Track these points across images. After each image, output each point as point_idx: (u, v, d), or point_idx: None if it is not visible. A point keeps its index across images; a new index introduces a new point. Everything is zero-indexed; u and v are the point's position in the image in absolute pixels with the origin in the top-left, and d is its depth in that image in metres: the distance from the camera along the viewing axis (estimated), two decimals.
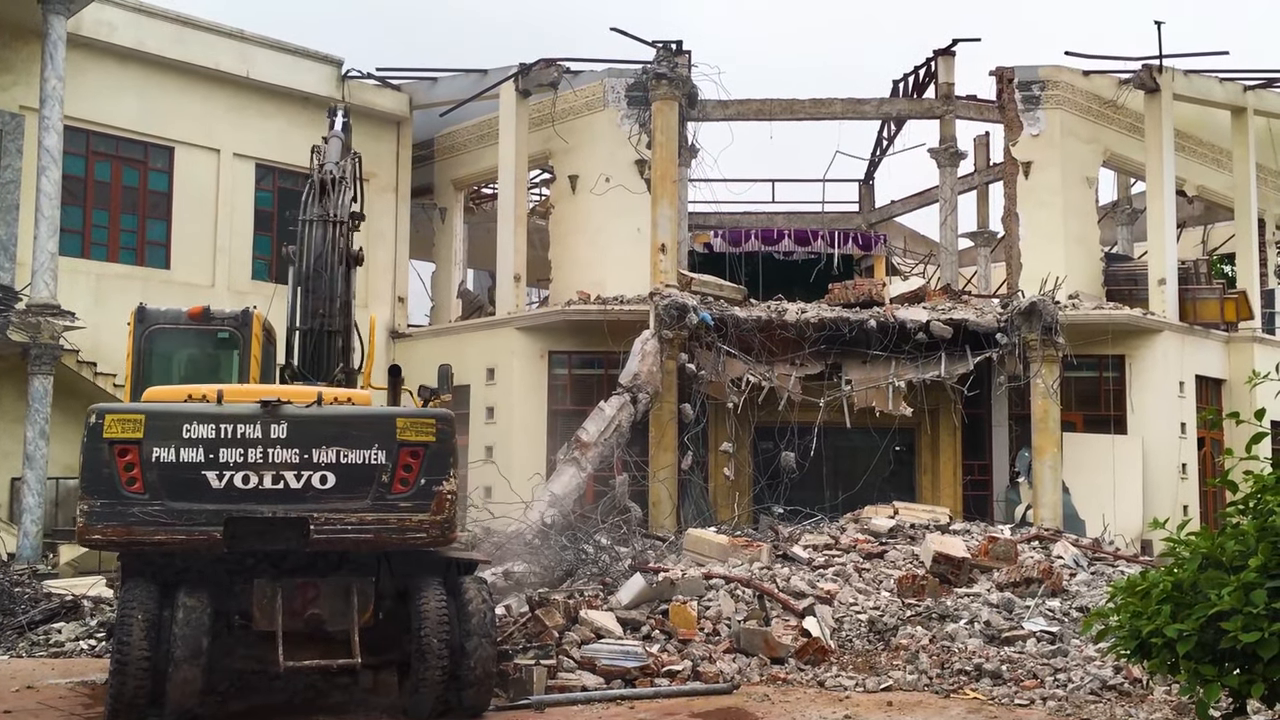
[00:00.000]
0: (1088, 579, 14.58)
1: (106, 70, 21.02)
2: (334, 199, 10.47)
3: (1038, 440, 19.76)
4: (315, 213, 10.39)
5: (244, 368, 11.02)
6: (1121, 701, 10.30)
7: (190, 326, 11.16)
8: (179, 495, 8.48)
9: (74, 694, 10.61)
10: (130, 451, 8.47)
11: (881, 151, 29.40)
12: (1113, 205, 28.53)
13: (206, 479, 8.51)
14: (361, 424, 8.91)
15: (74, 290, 19.21)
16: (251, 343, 11.02)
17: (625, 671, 10.91)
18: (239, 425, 8.63)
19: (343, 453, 8.72)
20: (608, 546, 15.65)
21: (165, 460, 8.49)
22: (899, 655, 11.85)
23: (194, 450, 8.54)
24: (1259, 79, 25.03)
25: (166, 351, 11.08)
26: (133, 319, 10.98)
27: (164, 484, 8.47)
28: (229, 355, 11.21)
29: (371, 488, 8.76)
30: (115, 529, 8.44)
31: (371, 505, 8.73)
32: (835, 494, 20.27)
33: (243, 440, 8.60)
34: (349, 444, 8.76)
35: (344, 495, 8.69)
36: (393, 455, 8.81)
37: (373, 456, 8.78)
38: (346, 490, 8.71)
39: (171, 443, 8.52)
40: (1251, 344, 23.05)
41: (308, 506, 8.62)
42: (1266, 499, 4.78)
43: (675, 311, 19.20)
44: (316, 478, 8.66)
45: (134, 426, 8.53)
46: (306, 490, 8.65)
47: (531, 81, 23.02)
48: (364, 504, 8.72)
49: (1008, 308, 19.98)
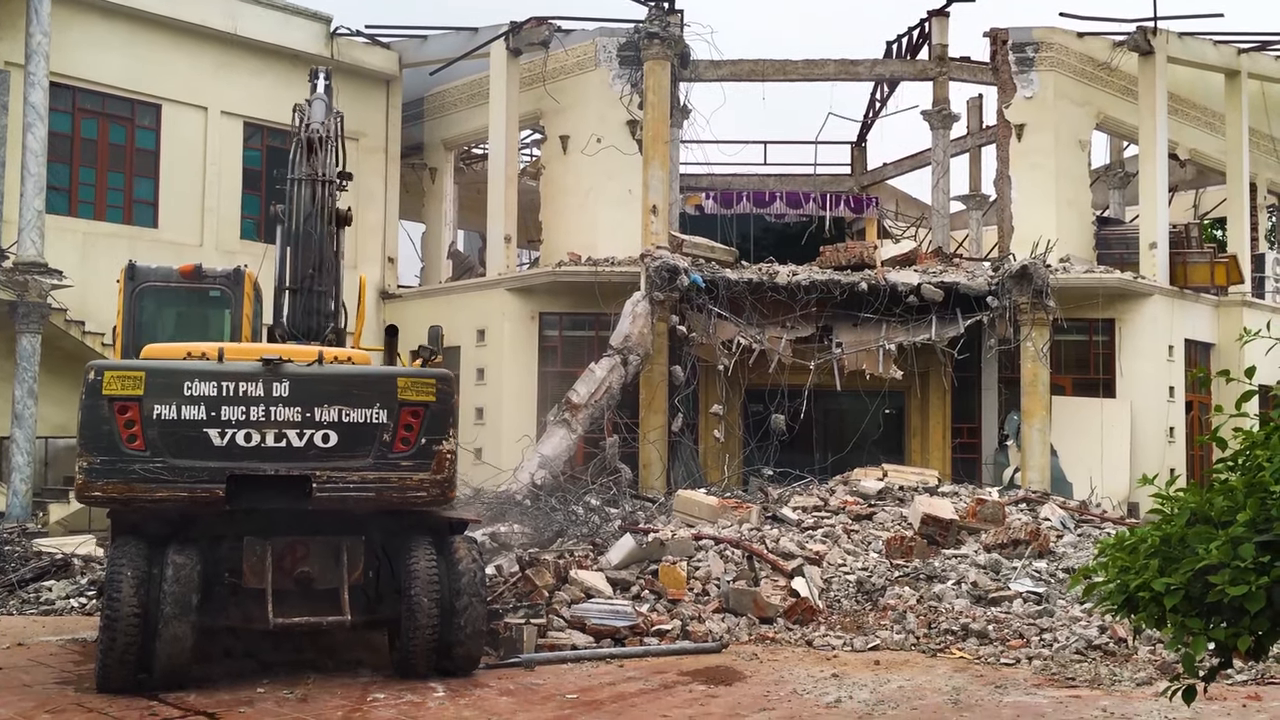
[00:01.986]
0: (1074, 541, 14.68)
1: (92, 26, 20.76)
2: (321, 158, 10.38)
3: (1027, 403, 19.82)
4: (304, 172, 10.30)
5: (235, 326, 10.98)
6: (1106, 661, 10.40)
7: (181, 284, 11.11)
8: (180, 452, 8.47)
9: (65, 651, 10.65)
10: (130, 408, 8.45)
11: (874, 114, 29.25)
12: (1105, 168, 28.46)
13: (208, 436, 8.50)
14: (363, 383, 8.93)
15: (61, 248, 19.07)
16: (243, 301, 10.97)
17: (615, 631, 10.97)
18: (241, 383, 8.62)
19: (344, 411, 8.75)
20: (598, 507, 15.71)
21: (166, 417, 8.47)
22: (886, 615, 11.93)
23: (196, 408, 8.52)
24: (1253, 42, 24.92)
25: (157, 309, 11.03)
26: (123, 276, 10.91)
27: (165, 441, 8.45)
28: (219, 313, 11.16)
29: (373, 447, 8.79)
30: (115, 486, 8.42)
31: (373, 464, 8.76)
32: (825, 456, 20.33)
33: (245, 398, 8.60)
34: (351, 403, 8.78)
35: (346, 454, 8.73)
36: (394, 415, 8.84)
37: (374, 415, 8.81)
38: (348, 449, 8.74)
39: (173, 400, 8.50)
40: (1241, 308, 23.10)
41: (310, 465, 8.64)
42: (1255, 454, 4.79)
43: (666, 273, 19.15)
44: (319, 436, 8.69)
45: (134, 383, 8.50)
46: (309, 448, 8.67)
47: (522, 40, 22.81)
48: (366, 463, 8.75)
49: (999, 271, 19.98)
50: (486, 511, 14.52)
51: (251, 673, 9.50)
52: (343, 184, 10.92)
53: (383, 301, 23.94)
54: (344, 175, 10.87)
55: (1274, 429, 4.88)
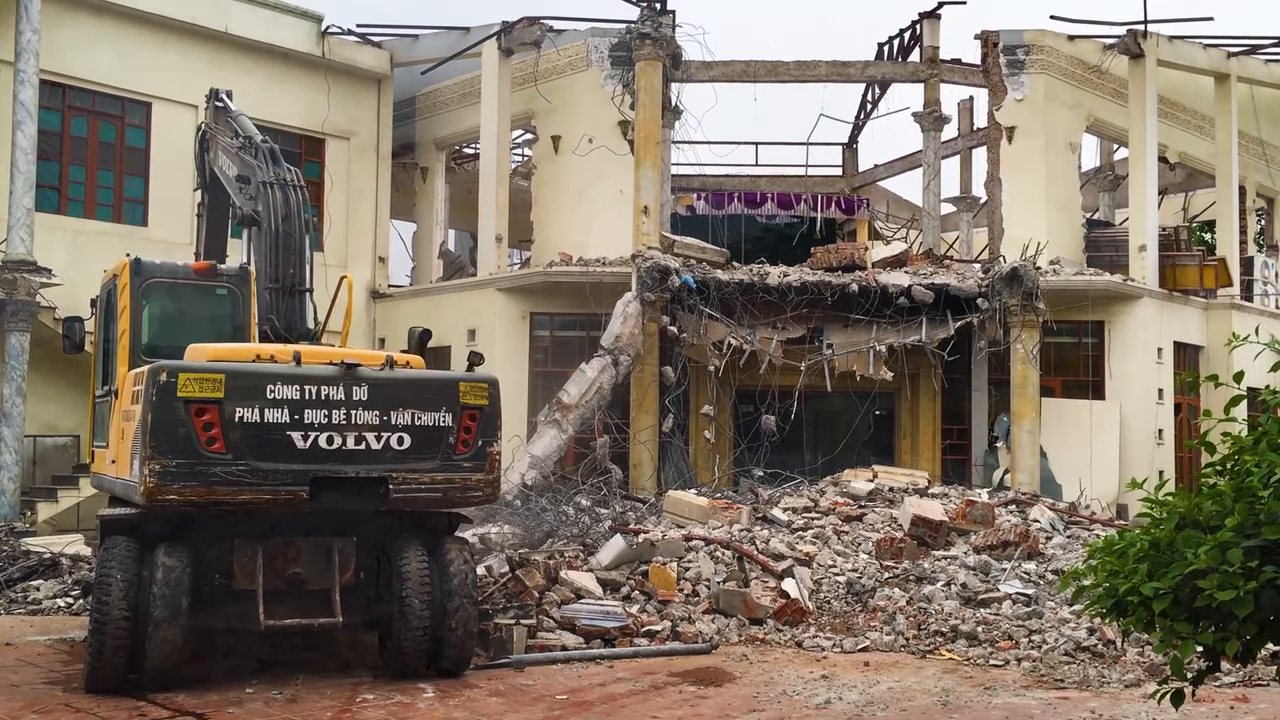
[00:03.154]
0: (1064, 543, 14.74)
1: (83, 24, 20.69)
2: (284, 164, 10.60)
3: (1016, 405, 19.87)
4: (274, 174, 10.37)
5: (243, 325, 10.94)
6: (1095, 663, 10.44)
7: (187, 281, 11.05)
8: (264, 455, 8.53)
9: (52, 651, 10.62)
10: (209, 411, 8.45)
11: (865, 115, 29.29)
12: (1095, 171, 28.54)
13: (292, 439, 8.62)
14: (432, 387, 9.24)
15: (50, 246, 18.99)
16: (250, 300, 10.93)
17: (605, 631, 10.98)
18: (322, 386, 8.76)
19: (417, 415, 9.03)
20: (588, 508, 15.72)
21: (249, 420, 8.52)
22: (876, 616, 11.96)
23: (279, 411, 8.62)
24: (1243, 46, 25.02)
25: (161, 306, 10.93)
26: (123, 271, 10.69)
27: (248, 444, 8.51)
28: (225, 312, 11.11)
29: (440, 448, 9.08)
30: (195, 489, 8.42)
31: (440, 465, 9.07)
32: (815, 457, 20.36)
33: (327, 401, 8.75)
34: (422, 406, 9.06)
35: (418, 455, 9.00)
36: (457, 417, 9.17)
37: (441, 419, 9.11)
38: (420, 451, 9.02)
39: (255, 403, 8.56)
40: (1230, 311, 23.18)
41: (387, 466, 8.86)
42: (1244, 459, 4.82)
43: (657, 274, 19.16)
44: (394, 439, 8.93)
45: (214, 386, 8.51)
46: (386, 450, 8.90)
47: (514, 40, 22.80)
48: (434, 464, 9.05)
49: (989, 273, 20.03)
50: (477, 512, 14.51)
51: (241, 673, 9.49)
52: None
53: (373, 301, 23.91)
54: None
55: (1262, 434, 4.90)
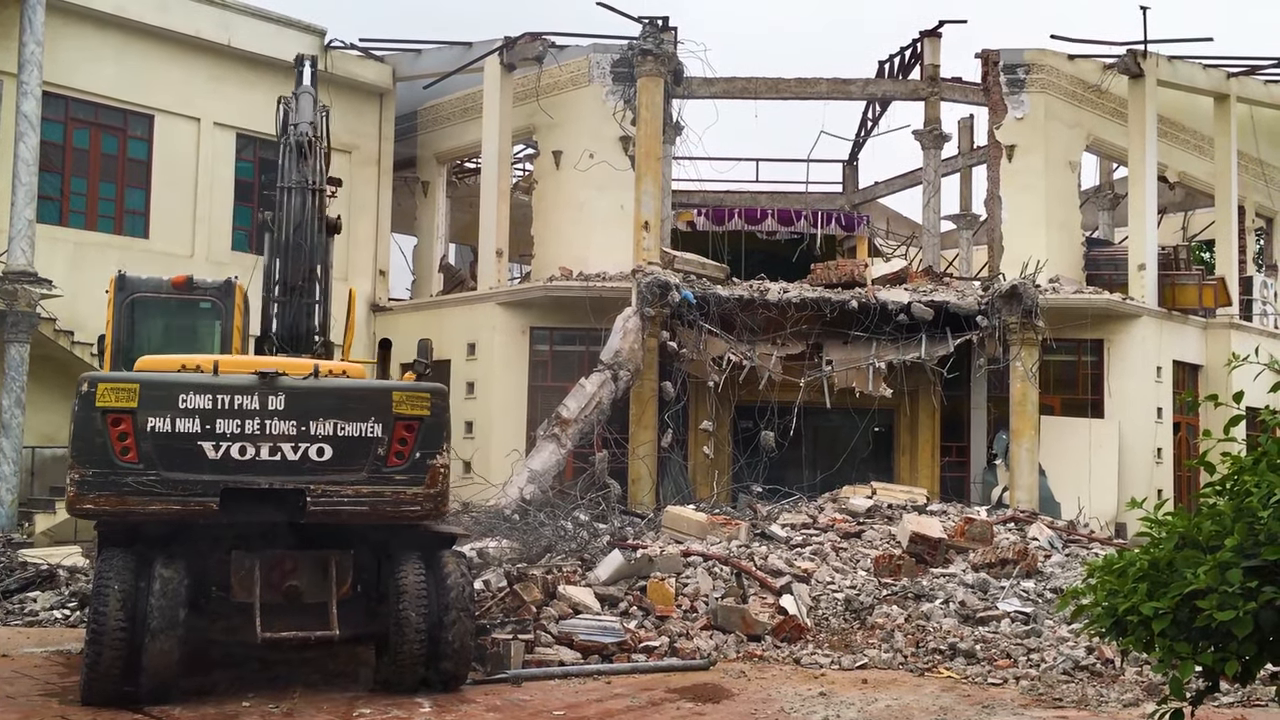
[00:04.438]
0: (1062, 561, 14.72)
1: (86, 36, 20.76)
2: (312, 164, 10.31)
3: (1015, 423, 19.87)
4: (294, 179, 10.21)
5: (225, 338, 10.94)
6: (1093, 681, 10.41)
7: (171, 295, 11.05)
8: (174, 465, 8.43)
9: (49, 662, 10.59)
10: (124, 421, 8.40)
11: (866, 132, 29.35)
12: (1094, 190, 28.60)
13: (203, 449, 8.47)
14: (359, 397, 8.90)
15: (51, 258, 19.02)
16: (234, 313, 10.94)
17: (603, 647, 10.96)
18: (236, 396, 8.58)
19: (340, 425, 8.72)
20: (586, 523, 15.69)
21: (160, 430, 8.43)
22: (875, 634, 11.94)
23: (190, 420, 8.48)
24: (1242, 66, 25.11)
25: (146, 320, 10.97)
26: (112, 287, 10.87)
27: (159, 454, 8.41)
28: (209, 325, 11.10)
29: (367, 461, 8.75)
30: (108, 498, 8.38)
31: (367, 478, 8.74)
32: (814, 473, 20.35)
33: (240, 411, 8.55)
34: (346, 416, 8.75)
35: (340, 468, 8.69)
36: (389, 428, 8.81)
37: (369, 429, 8.78)
38: (342, 463, 8.70)
39: (167, 412, 8.45)
40: (1229, 330, 23.20)
41: (304, 479, 8.60)
42: (1244, 480, 4.82)
43: (657, 289, 19.18)
44: (313, 450, 8.65)
45: (128, 395, 8.45)
46: (303, 462, 8.63)
47: (516, 55, 22.88)
48: (360, 476, 8.72)
49: (989, 290, 20.05)
50: (475, 526, 14.49)
51: (238, 686, 9.46)
52: (333, 191, 10.90)
53: (373, 314, 23.92)
54: (333, 181, 10.81)
55: (1262, 454, 4.91)
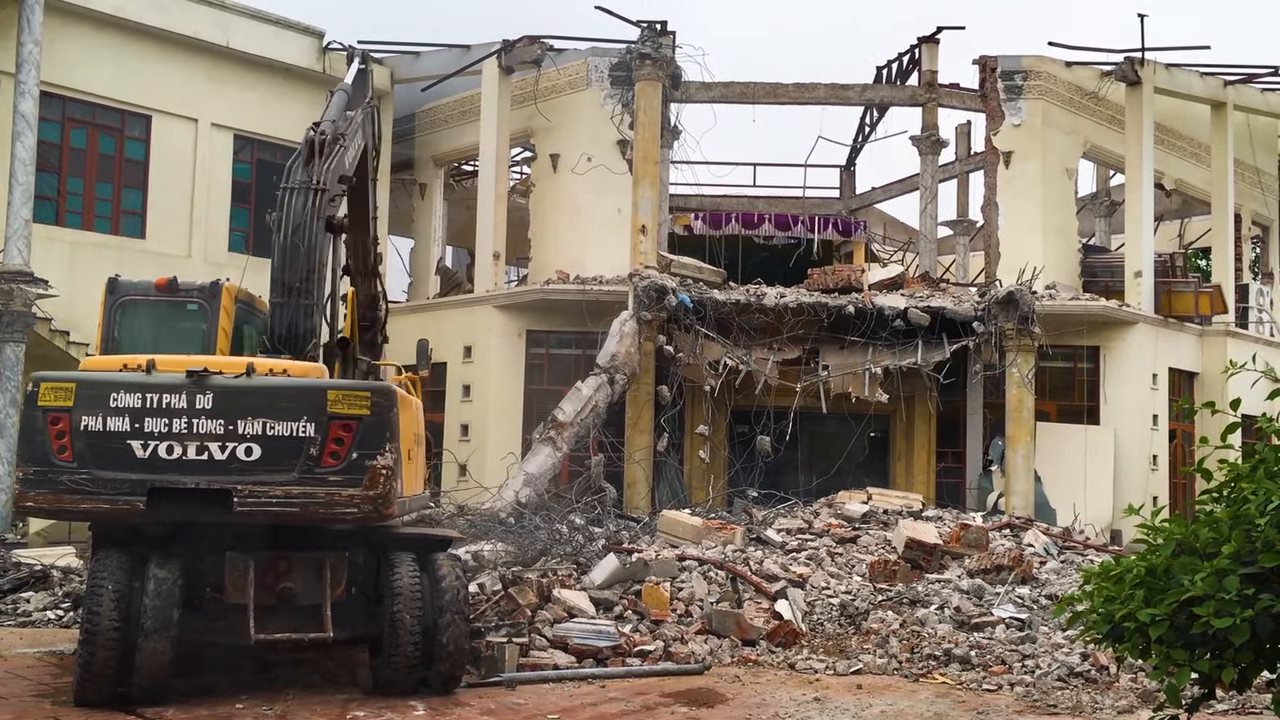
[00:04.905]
0: (1058, 567, 14.71)
1: (84, 36, 20.74)
2: (320, 164, 10.20)
3: (1011, 429, 19.88)
4: (299, 179, 10.13)
5: (211, 339, 10.90)
6: (1088, 688, 10.41)
7: (160, 298, 11.02)
8: (105, 464, 8.40)
9: (42, 664, 10.55)
10: (62, 420, 8.41)
11: (863, 138, 29.39)
12: (1091, 197, 28.65)
13: (131, 448, 8.42)
14: (289, 395, 8.67)
15: (48, 258, 18.99)
16: (219, 314, 10.88)
17: (597, 651, 10.94)
18: (165, 395, 8.49)
19: (269, 424, 8.51)
20: (582, 526, 15.67)
21: (93, 429, 8.42)
22: (869, 639, 11.92)
23: (121, 419, 8.44)
24: (1239, 74, 25.16)
25: (136, 323, 10.94)
26: (104, 290, 10.86)
27: (92, 452, 8.40)
28: (198, 327, 11.07)
29: (299, 461, 8.51)
30: (46, 497, 8.40)
31: (298, 479, 8.48)
32: (810, 478, 20.35)
33: (168, 410, 8.47)
34: (275, 415, 8.53)
35: (269, 468, 8.47)
36: (322, 428, 8.55)
37: (300, 429, 8.54)
38: (272, 463, 8.48)
39: (100, 412, 8.42)
40: (1225, 338, 23.24)
41: (231, 478, 8.43)
42: (1241, 487, 4.82)
43: (654, 293, 19.18)
44: (241, 449, 8.48)
45: (65, 395, 8.44)
46: (231, 462, 8.46)
47: (515, 58, 22.89)
48: (290, 477, 8.47)
49: (985, 297, 20.07)
50: (470, 529, 14.47)
51: (231, 688, 9.43)
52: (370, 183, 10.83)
53: None
54: (351, 177, 10.60)
55: (1259, 461, 4.91)
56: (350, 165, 10.81)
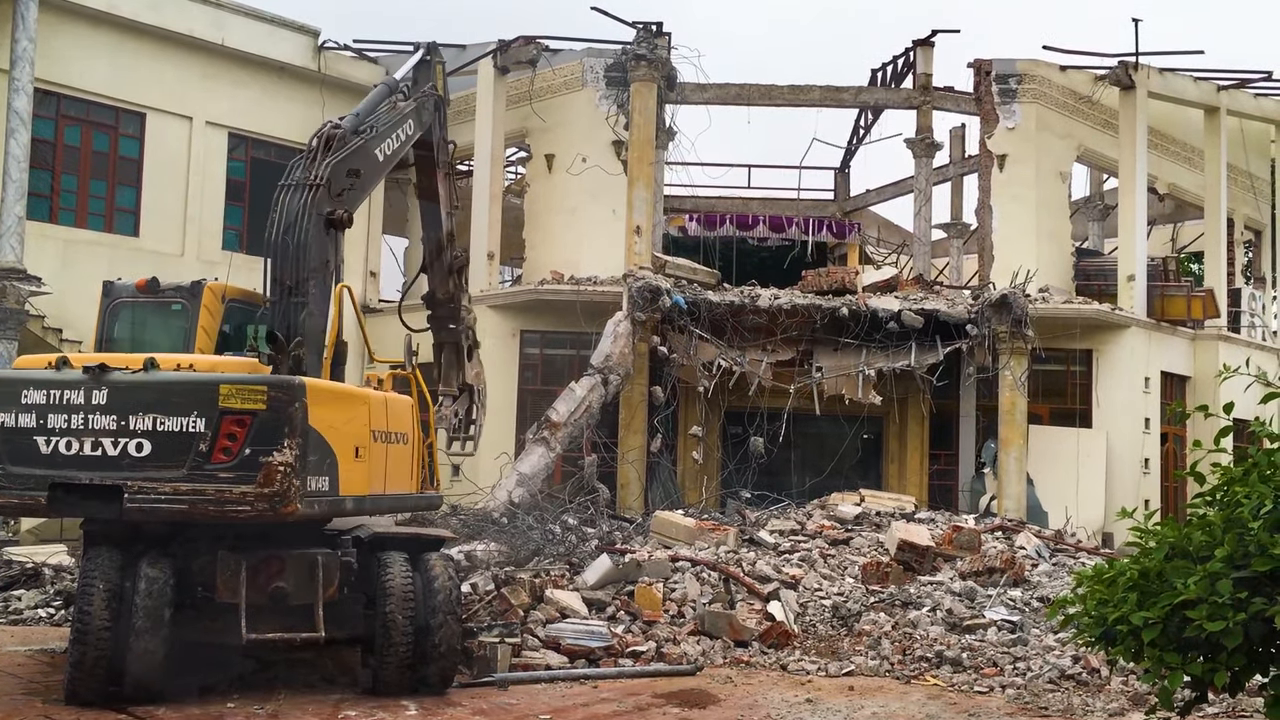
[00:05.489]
0: (1049, 570, 14.73)
1: (78, 33, 20.70)
2: (321, 159, 10.12)
3: (1004, 432, 19.91)
4: (298, 176, 10.08)
5: (190, 338, 10.84)
6: (1079, 691, 10.42)
7: (149, 299, 10.98)
8: (17, 460, 8.57)
9: (33, 661, 10.53)
10: None
11: (858, 140, 29.43)
12: (1085, 200, 28.72)
13: (37, 444, 8.56)
14: (180, 390, 8.59)
15: (41, 255, 18.96)
16: (199, 313, 10.82)
17: (590, 651, 10.94)
18: (66, 392, 8.58)
19: (159, 420, 8.46)
20: (575, 527, 15.66)
21: (8, 425, 8.61)
22: (861, 641, 11.93)
23: (29, 416, 8.59)
24: (1233, 79, 25.24)
25: (127, 324, 10.93)
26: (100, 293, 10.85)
27: (6, 448, 8.60)
28: (179, 325, 11.00)
29: (188, 457, 8.39)
30: None
31: (187, 475, 8.37)
32: (803, 480, 20.34)
33: (69, 407, 8.56)
34: (166, 411, 8.47)
35: (160, 464, 8.41)
36: (213, 423, 8.41)
37: (191, 424, 8.43)
38: (162, 459, 8.42)
39: (12, 409, 8.60)
40: (1217, 342, 23.29)
41: (123, 474, 8.42)
42: (1234, 490, 4.83)
43: (648, 294, 19.17)
44: (133, 445, 8.47)
45: None
46: (123, 457, 8.46)
47: (510, 59, 22.87)
48: (179, 474, 8.37)
49: (979, 299, 20.09)
50: (463, 529, 14.46)
51: (223, 687, 9.41)
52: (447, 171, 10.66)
53: (364, 315, 23.82)
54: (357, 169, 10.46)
55: (1251, 465, 4.92)
56: (385, 156, 10.76)
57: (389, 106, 11.34)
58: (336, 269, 10.51)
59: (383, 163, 11.12)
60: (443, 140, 13.08)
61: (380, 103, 11.23)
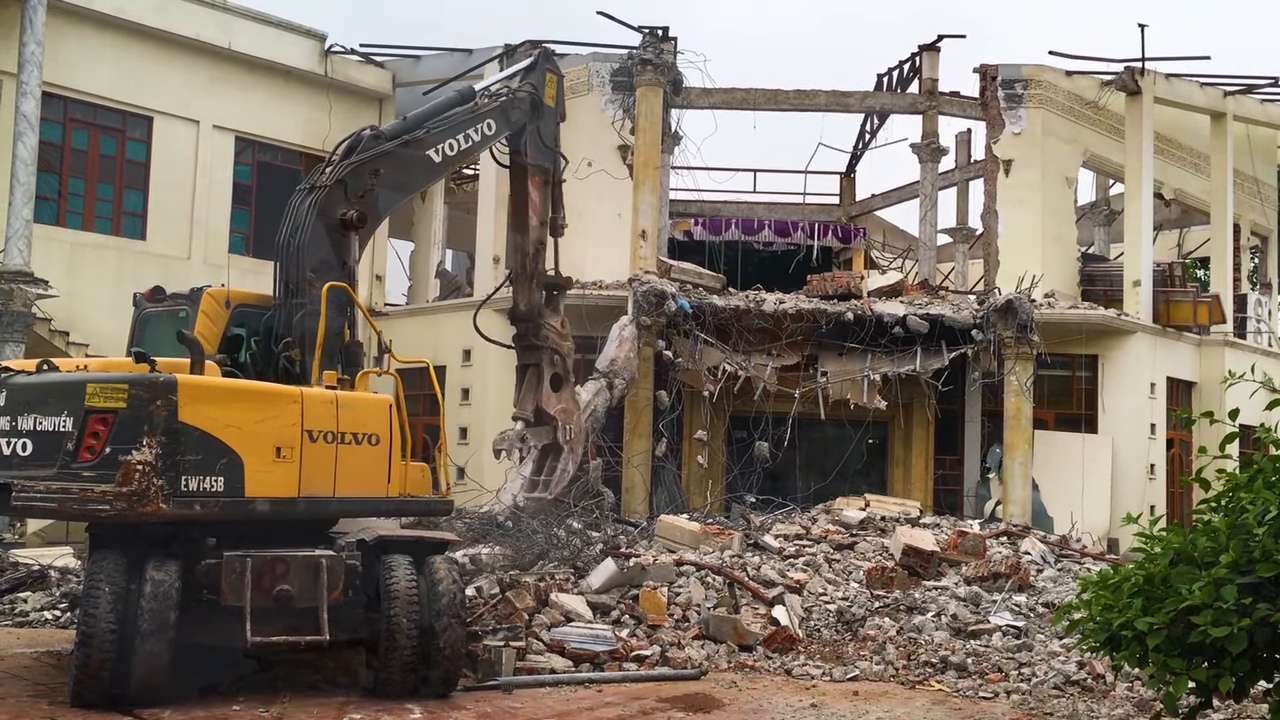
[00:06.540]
0: (1054, 575, 14.72)
1: (86, 37, 20.77)
2: (340, 163, 10.11)
3: (1009, 437, 19.89)
4: (310, 180, 10.13)
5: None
6: (1084, 696, 10.41)
7: (165, 307, 11.05)
8: None
9: (39, 663, 10.54)
10: None
11: (864, 145, 29.44)
12: (1091, 206, 28.69)
13: None
14: (54, 390, 8.72)
15: (48, 258, 18.99)
16: (198, 319, 10.85)
17: (594, 655, 10.94)
18: None
19: (38, 420, 8.62)
20: (580, 531, 15.65)
21: None
22: (866, 646, 11.93)
23: None
24: (1239, 85, 25.22)
25: (150, 332, 11.04)
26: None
27: None
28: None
29: (59, 456, 8.48)
30: None
31: (57, 474, 8.44)
32: (807, 484, 20.34)
33: None
34: (43, 411, 8.62)
35: (38, 463, 8.55)
36: (79, 423, 8.46)
37: (61, 424, 8.54)
38: (40, 457, 8.56)
39: None
40: (1223, 348, 23.25)
41: (11, 473, 8.59)
42: (1239, 496, 4.83)
43: (654, 298, 19.18)
44: (20, 444, 8.65)
45: None
46: (12, 457, 8.66)
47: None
48: (51, 473, 8.46)
49: (984, 304, 20.08)
50: (468, 532, 14.46)
51: (228, 690, 9.42)
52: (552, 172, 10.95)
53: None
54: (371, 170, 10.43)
55: (1257, 471, 4.91)
56: (445, 156, 10.81)
57: (469, 109, 11.41)
58: (351, 270, 10.53)
59: (440, 162, 11.19)
60: (544, 145, 12.99)
61: (449, 108, 11.30)
